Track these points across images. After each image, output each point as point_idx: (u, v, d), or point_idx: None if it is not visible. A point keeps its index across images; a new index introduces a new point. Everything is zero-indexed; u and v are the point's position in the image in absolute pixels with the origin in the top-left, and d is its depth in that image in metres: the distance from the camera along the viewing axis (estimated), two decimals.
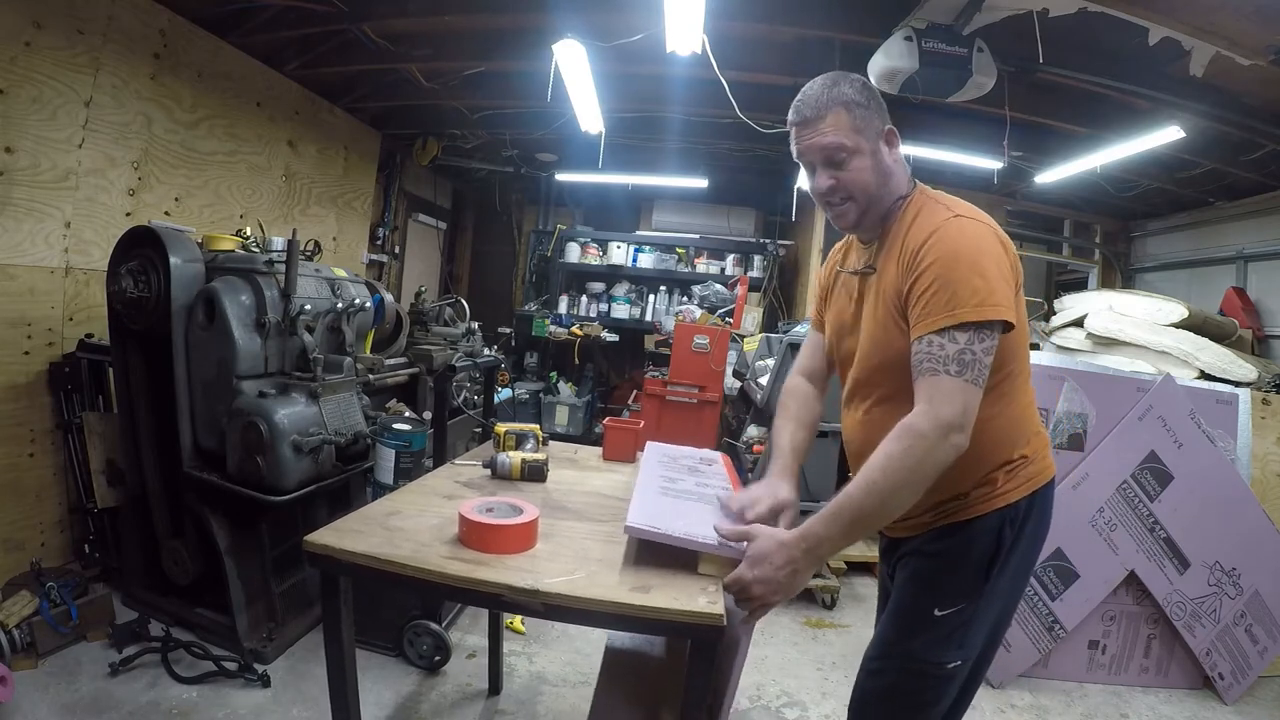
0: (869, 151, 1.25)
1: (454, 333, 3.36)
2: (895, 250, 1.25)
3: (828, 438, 3.31)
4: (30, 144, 2.60)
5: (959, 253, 1.14)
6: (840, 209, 1.29)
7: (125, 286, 2.34)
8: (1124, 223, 5.63)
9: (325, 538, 1.25)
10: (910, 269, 1.19)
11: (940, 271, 1.14)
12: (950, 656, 1.25)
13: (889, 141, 1.28)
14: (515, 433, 1.91)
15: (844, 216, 1.30)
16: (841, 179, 1.25)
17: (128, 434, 2.60)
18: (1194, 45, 2.71)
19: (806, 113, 1.26)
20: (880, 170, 1.26)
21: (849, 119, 1.23)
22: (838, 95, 1.24)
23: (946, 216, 1.20)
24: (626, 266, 6.34)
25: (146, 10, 3.00)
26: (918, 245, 1.19)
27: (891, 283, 1.24)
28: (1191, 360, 3.18)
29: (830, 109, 1.24)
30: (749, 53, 3.49)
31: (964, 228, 1.18)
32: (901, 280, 1.21)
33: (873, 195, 1.27)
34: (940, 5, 2.75)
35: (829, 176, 1.26)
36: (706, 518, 1.29)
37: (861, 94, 1.25)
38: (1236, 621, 2.74)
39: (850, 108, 1.24)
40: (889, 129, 1.28)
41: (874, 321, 1.28)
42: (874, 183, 1.26)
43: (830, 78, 1.27)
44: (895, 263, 1.24)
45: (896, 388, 1.22)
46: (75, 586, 2.44)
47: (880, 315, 1.27)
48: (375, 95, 4.50)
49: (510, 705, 2.31)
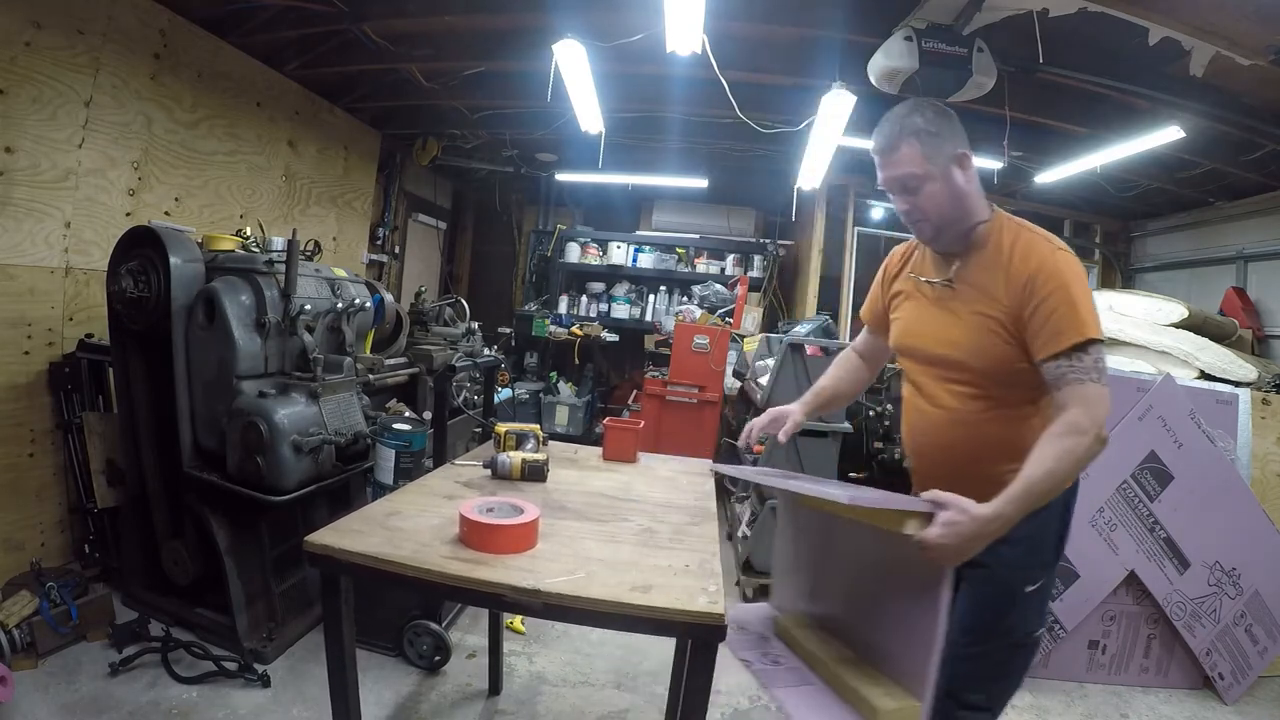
0: (940, 177, 1.38)
1: (454, 333, 3.36)
2: (997, 274, 1.38)
3: (827, 438, 3.32)
4: (30, 144, 2.60)
5: (1073, 282, 1.31)
6: (919, 226, 1.45)
7: (125, 286, 2.34)
8: (1124, 223, 5.63)
9: (325, 538, 1.25)
10: (1028, 295, 1.32)
11: (1064, 298, 1.29)
12: (1037, 625, 1.47)
13: (961, 165, 1.39)
14: (515, 433, 1.91)
15: (922, 232, 1.47)
16: (915, 203, 1.41)
17: (128, 434, 2.60)
18: (1194, 45, 2.70)
19: (882, 144, 1.42)
20: (953, 193, 1.39)
21: (920, 148, 1.37)
22: (910, 126, 1.38)
23: (1050, 249, 1.35)
24: (626, 266, 6.33)
25: (146, 10, 3.00)
26: (1030, 274, 1.33)
27: (997, 303, 1.37)
28: (1191, 360, 3.18)
29: (903, 140, 1.38)
30: (749, 53, 3.49)
31: (1069, 261, 1.34)
32: (1015, 304, 1.34)
33: (946, 216, 1.41)
34: (940, 5, 2.75)
35: (905, 201, 1.42)
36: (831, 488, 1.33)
37: (933, 122, 1.38)
38: (1236, 621, 2.74)
39: (921, 137, 1.37)
40: (961, 153, 1.39)
41: (968, 331, 1.41)
42: (947, 205, 1.40)
43: (905, 106, 1.42)
44: (1000, 286, 1.37)
45: (989, 390, 1.40)
46: (75, 586, 2.44)
47: (978, 326, 1.39)
48: (375, 95, 4.50)
49: (510, 705, 2.31)
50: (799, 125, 3.80)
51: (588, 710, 2.31)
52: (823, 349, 3.41)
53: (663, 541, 1.41)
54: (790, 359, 3.32)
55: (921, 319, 1.53)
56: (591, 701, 2.36)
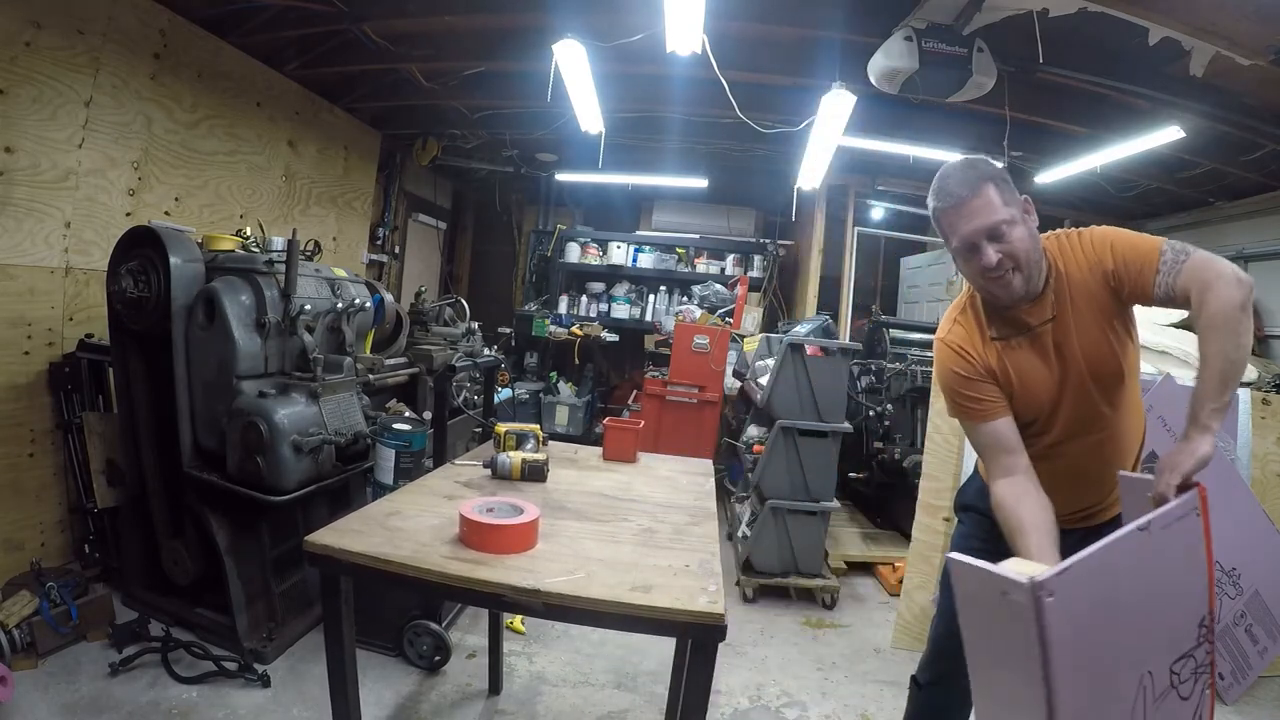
0: (1020, 221, 1.35)
1: (454, 333, 3.36)
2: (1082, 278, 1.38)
3: (827, 438, 3.32)
4: (30, 144, 2.60)
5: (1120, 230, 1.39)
6: (1005, 280, 1.36)
7: (125, 286, 2.34)
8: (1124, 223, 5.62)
9: (325, 538, 1.25)
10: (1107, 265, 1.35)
11: (1122, 239, 1.36)
12: None
13: (1028, 210, 1.39)
14: (515, 433, 1.91)
15: (1009, 286, 1.36)
16: (1006, 250, 1.33)
17: (128, 434, 2.60)
18: (1194, 45, 2.71)
19: (961, 192, 1.34)
20: (1033, 236, 1.37)
21: (999, 193, 1.33)
22: (984, 172, 1.35)
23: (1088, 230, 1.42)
24: (626, 266, 6.33)
25: (146, 10, 3.00)
26: (1097, 257, 1.36)
27: (1094, 296, 1.37)
28: (1191, 360, 3.17)
29: (982, 186, 1.33)
30: (749, 53, 3.49)
31: (1107, 227, 1.40)
32: (1107, 281, 1.36)
33: (1032, 260, 1.36)
34: (940, 5, 2.75)
35: (995, 250, 1.33)
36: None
37: (1000, 171, 1.38)
38: (1236, 621, 2.74)
39: (997, 182, 1.34)
40: (1025, 197, 1.39)
41: (1097, 343, 1.39)
42: (1032, 248, 1.36)
43: (965, 161, 1.40)
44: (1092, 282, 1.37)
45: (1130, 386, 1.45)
46: (75, 586, 2.44)
47: (1103, 332, 1.39)
48: (375, 95, 4.50)
49: (510, 705, 2.31)
50: (799, 125, 3.80)
51: (588, 710, 2.31)
52: (823, 349, 3.41)
53: (663, 541, 1.41)
54: (790, 359, 3.32)
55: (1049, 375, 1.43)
56: (591, 701, 2.36)
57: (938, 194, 1.38)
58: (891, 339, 4.49)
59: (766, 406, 3.40)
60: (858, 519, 4.38)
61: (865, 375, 4.23)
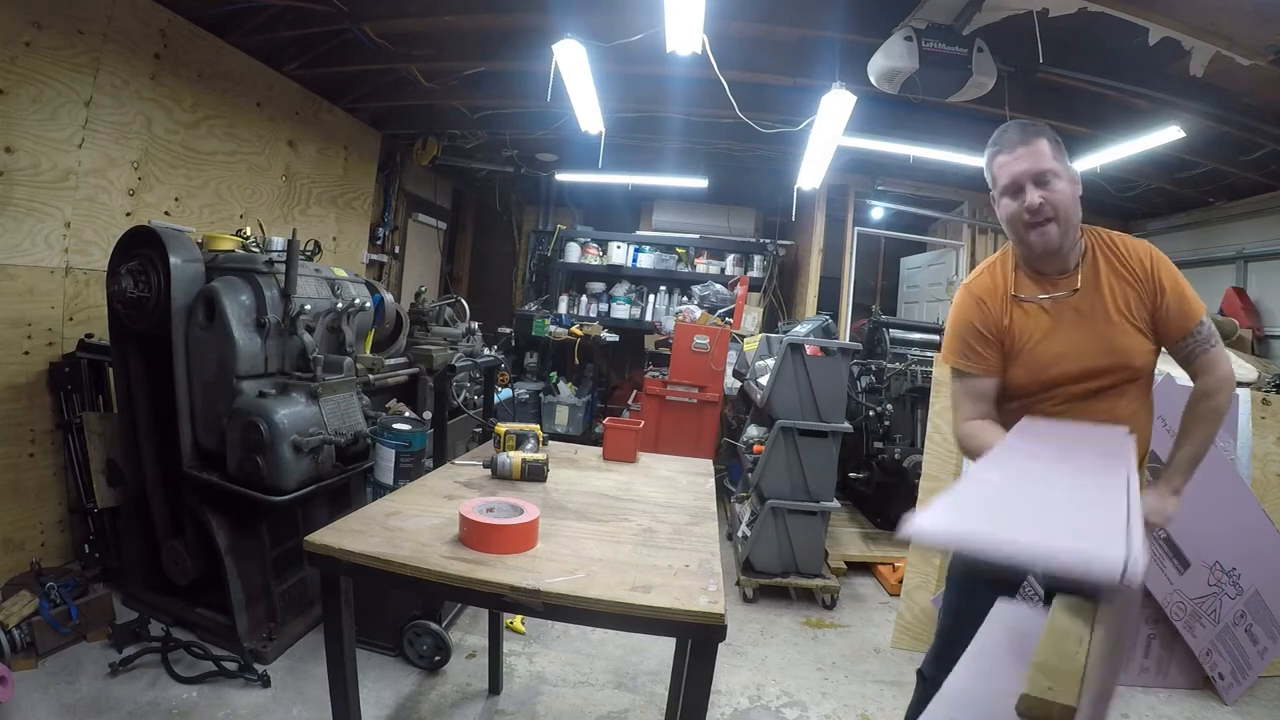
0: (1067, 179, 1.45)
1: (454, 333, 3.36)
2: (1124, 271, 1.46)
3: (827, 438, 3.32)
4: (30, 144, 2.60)
5: (1174, 267, 1.47)
6: (1044, 229, 1.43)
7: (125, 286, 2.34)
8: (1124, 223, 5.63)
9: (326, 538, 1.25)
10: (1156, 286, 1.44)
11: (1181, 284, 1.45)
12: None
13: (1076, 183, 1.48)
14: (515, 433, 1.91)
15: (1045, 235, 1.44)
16: (1049, 197, 1.42)
17: (128, 434, 2.60)
18: (1194, 45, 2.71)
19: (1015, 138, 1.45)
20: (1076, 198, 1.46)
21: (1050, 148, 1.44)
22: (1042, 130, 1.46)
23: (1145, 243, 1.50)
24: (626, 266, 6.33)
25: (146, 10, 3.00)
26: (1150, 267, 1.45)
27: (1133, 300, 1.45)
28: None
29: (1038, 138, 1.44)
30: (749, 53, 3.49)
31: (1158, 250, 1.49)
32: (1148, 296, 1.45)
33: (1070, 218, 1.44)
34: (940, 5, 2.75)
35: (1037, 194, 1.42)
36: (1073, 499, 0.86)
37: (1056, 136, 1.48)
38: (1236, 621, 2.74)
39: (1051, 141, 1.45)
40: (1076, 173, 1.49)
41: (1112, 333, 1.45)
42: (1072, 207, 1.45)
43: (1022, 120, 1.51)
44: (1130, 283, 1.45)
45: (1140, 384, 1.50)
46: (75, 586, 2.44)
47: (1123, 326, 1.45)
48: (375, 95, 4.50)
49: (510, 705, 2.31)
50: (799, 125, 3.80)
51: (588, 710, 2.31)
52: (823, 349, 3.41)
53: (663, 541, 1.41)
54: (790, 359, 3.32)
55: (1067, 339, 1.48)
56: (591, 701, 2.36)
57: (995, 141, 1.49)
58: (891, 339, 4.48)
59: (766, 406, 3.40)
60: (858, 519, 4.38)
61: (865, 375, 4.23)
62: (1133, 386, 1.49)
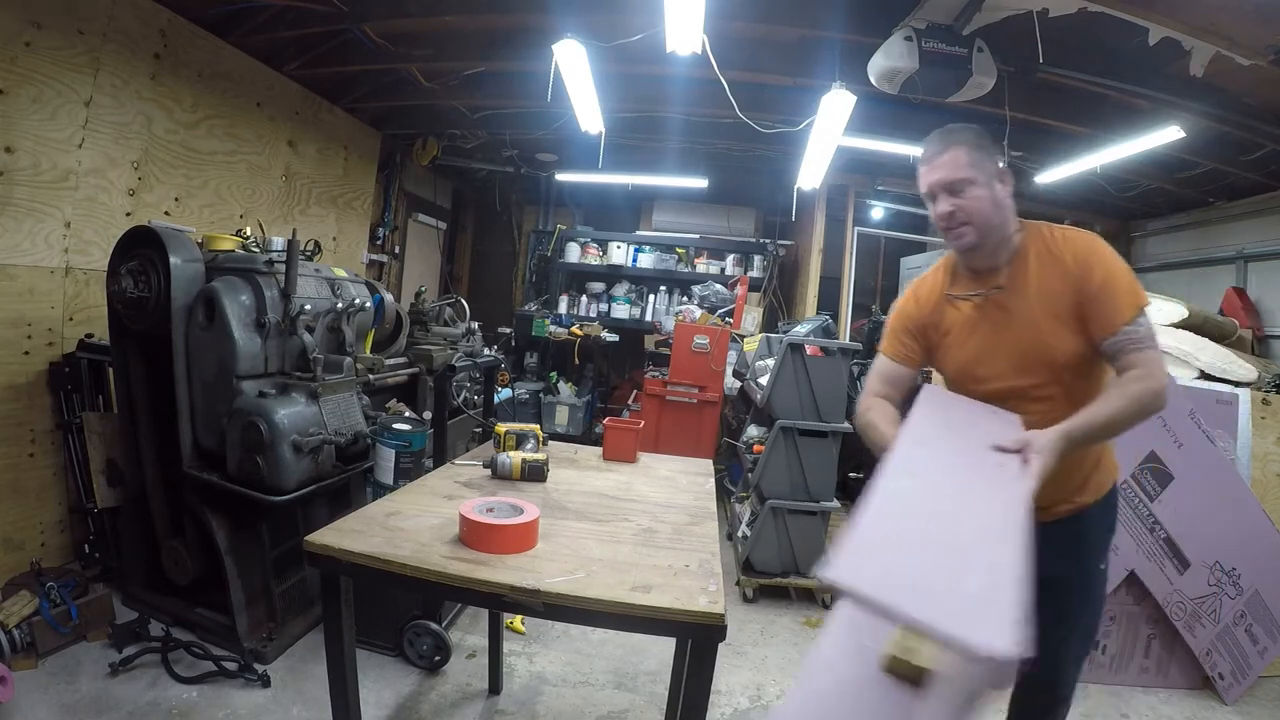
0: (985, 184, 1.45)
1: (454, 333, 3.36)
2: (1052, 268, 1.45)
3: (827, 438, 3.32)
4: (30, 144, 2.60)
5: (1115, 259, 1.42)
6: (958, 232, 1.48)
7: (125, 286, 2.34)
8: (1124, 223, 5.63)
9: (326, 538, 1.25)
10: (1084, 280, 1.40)
11: (1114, 277, 1.39)
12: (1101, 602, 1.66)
13: (1003, 180, 1.48)
14: (515, 433, 1.91)
15: (960, 239, 1.49)
16: (960, 205, 1.45)
17: (128, 434, 2.60)
18: (1194, 45, 2.70)
19: (932, 149, 1.48)
20: (996, 202, 1.46)
21: (967, 155, 1.45)
22: (959, 137, 1.47)
23: (1088, 235, 1.46)
24: (626, 266, 6.33)
25: (146, 10, 3.00)
26: (1081, 260, 1.42)
27: (1058, 296, 1.43)
28: (1191, 360, 3.17)
29: (952, 146, 1.46)
30: (749, 53, 3.49)
31: (1102, 242, 1.45)
32: (1075, 291, 1.41)
33: (989, 221, 1.46)
34: (940, 5, 2.75)
35: (949, 203, 1.46)
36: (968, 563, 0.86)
37: (980, 137, 1.48)
38: (1236, 621, 2.74)
39: (970, 147, 1.45)
40: (1003, 169, 1.48)
41: (1036, 332, 1.45)
42: (990, 210, 1.45)
43: (952, 125, 1.52)
44: (1059, 278, 1.43)
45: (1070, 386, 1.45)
46: (75, 586, 2.44)
47: (1048, 325, 1.44)
48: (375, 95, 4.50)
49: (510, 705, 2.31)
50: (799, 125, 3.80)
51: (588, 710, 2.32)
52: (823, 349, 3.41)
53: (663, 541, 1.41)
54: (790, 359, 3.32)
55: (981, 342, 1.53)
56: (591, 701, 2.36)
57: (921, 148, 1.52)
58: None
59: (766, 406, 3.40)
60: None
61: (865, 375, 4.22)
62: (1067, 387, 1.45)
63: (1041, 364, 1.46)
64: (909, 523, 0.97)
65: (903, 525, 0.96)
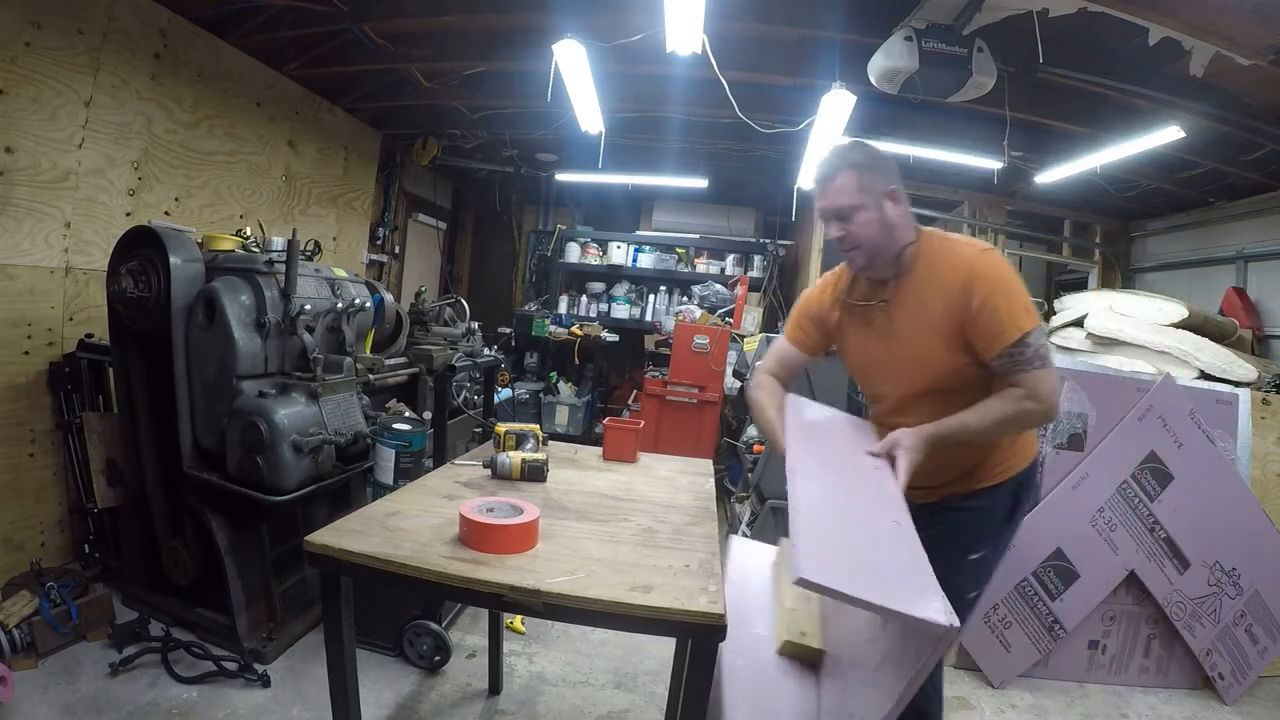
0: (873, 207, 1.50)
1: (454, 333, 3.36)
2: (932, 286, 1.49)
3: None
4: (30, 144, 2.60)
5: (1003, 281, 1.44)
6: (850, 254, 1.57)
7: (125, 286, 2.34)
8: (1124, 223, 5.63)
9: (325, 538, 1.25)
10: (965, 302, 1.43)
11: (999, 299, 1.42)
12: (974, 589, 1.61)
13: (893, 199, 1.52)
14: (515, 433, 1.91)
15: (852, 260, 1.58)
16: (849, 230, 1.52)
17: (128, 434, 2.60)
18: (1194, 45, 2.70)
19: (822, 175, 1.54)
20: (884, 224, 1.51)
21: (856, 180, 1.50)
22: (847, 160, 1.52)
23: (976, 253, 1.48)
24: (626, 266, 6.33)
25: (146, 10, 3.00)
26: (964, 282, 1.44)
27: (936, 314, 1.48)
28: (1191, 360, 3.17)
29: (840, 173, 1.51)
30: (749, 53, 3.49)
31: (996, 261, 1.47)
32: (953, 311, 1.45)
33: (877, 244, 1.52)
34: (940, 5, 2.75)
35: (839, 229, 1.53)
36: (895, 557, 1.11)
37: (869, 159, 1.53)
38: (1236, 621, 2.74)
39: (857, 170, 1.50)
40: (893, 189, 1.52)
41: (915, 346, 1.53)
42: (877, 234, 1.51)
43: (844, 145, 1.59)
44: (938, 297, 1.48)
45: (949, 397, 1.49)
46: (75, 586, 2.44)
47: (925, 340, 1.51)
48: (375, 95, 4.50)
49: (510, 705, 2.31)
50: (799, 125, 3.80)
51: (588, 710, 2.32)
52: None
53: (663, 541, 1.41)
54: None
55: (863, 343, 1.65)
56: (591, 701, 2.36)
57: (815, 169, 1.60)
58: None
59: None
60: None
61: None
62: (952, 395, 1.48)
63: (923, 375, 1.53)
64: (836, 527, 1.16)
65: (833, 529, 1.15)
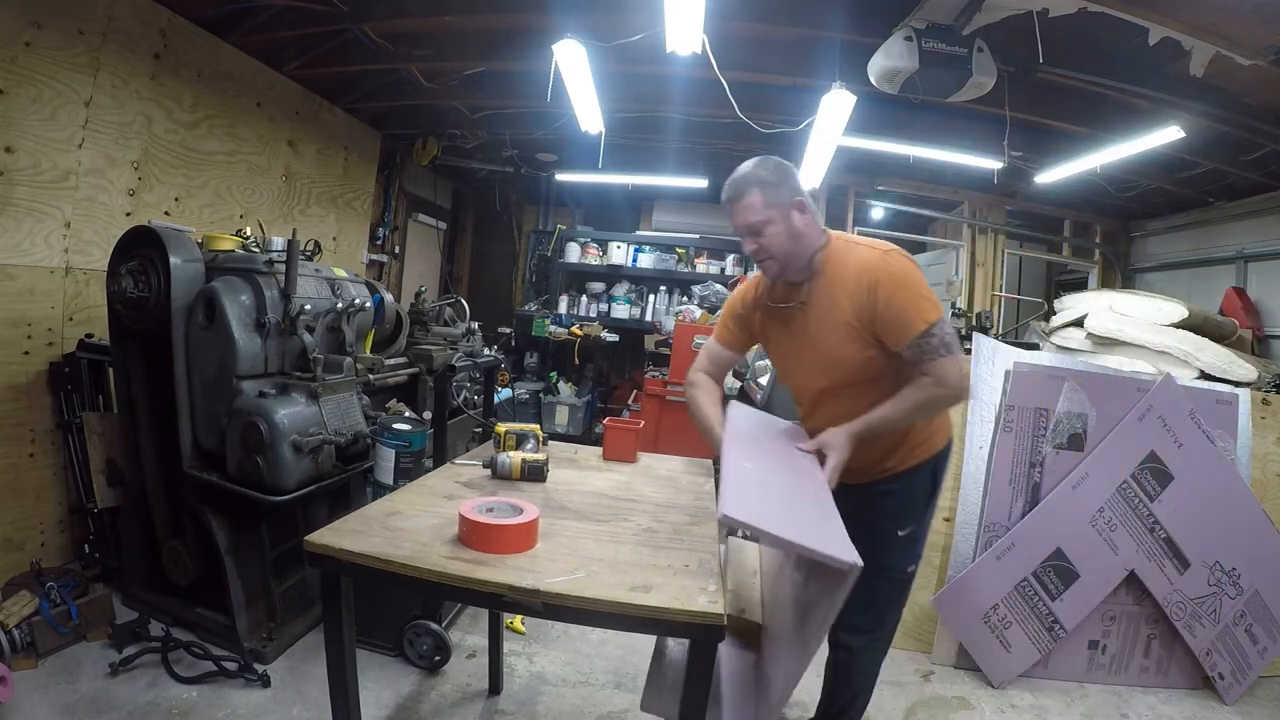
0: (781, 219, 1.62)
1: (454, 333, 3.36)
2: (840, 287, 1.61)
3: None
4: (30, 144, 2.60)
5: (905, 279, 1.56)
6: (764, 264, 1.69)
7: (125, 286, 2.34)
8: (1124, 223, 5.63)
9: (326, 538, 1.25)
10: (872, 301, 1.56)
11: (902, 295, 1.54)
12: (909, 562, 1.79)
13: (800, 209, 1.63)
14: (515, 433, 1.91)
15: (768, 270, 1.71)
16: (761, 244, 1.64)
17: (128, 434, 2.60)
18: (1194, 45, 2.71)
19: (731, 194, 1.65)
20: (792, 234, 1.63)
21: (761, 198, 1.61)
22: (753, 178, 1.63)
23: (879, 256, 1.59)
24: (626, 266, 6.33)
25: (146, 10, 3.00)
26: (870, 284, 1.56)
27: (845, 312, 1.60)
28: (1191, 360, 3.17)
29: (748, 190, 1.62)
30: (749, 53, 3.49)
31: (898, 261, 1.59)
32: (861, 309, 1.58)
33: (788, 253, 1.64)
34: (940, 5, 2.75)
35: (753, 242, 1.65)
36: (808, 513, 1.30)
37: (774, 173, 1.64)
38: (1236, 621, 2.74)
39: (763, 186, 1.61)
40: (798, 200, 1.63)
41: (828, 343, 1.65)
42: (788, 244, 1.63)
43: (751, 162, 1.67)
44: (846, 297, 1.60)
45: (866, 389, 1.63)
46: (75, 586, 2.44)
47: (837, 337, 1.63)
48: (375, 95, 4.50)
49: (510, 705, 2.31)
50: (799, 125, 3.80)
51: (588, 710, 2.31)
52: None
53: (663, 541, 1.41)
54: None
55: (782, 343, 1.78)
56: (591, 701, 2.36)
57: (725, 187, 1.68)
58: None
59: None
60: None
61: None
62: (865, 387, 1.63)
63: (837, 370, 1.65)
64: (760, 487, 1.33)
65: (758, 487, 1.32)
